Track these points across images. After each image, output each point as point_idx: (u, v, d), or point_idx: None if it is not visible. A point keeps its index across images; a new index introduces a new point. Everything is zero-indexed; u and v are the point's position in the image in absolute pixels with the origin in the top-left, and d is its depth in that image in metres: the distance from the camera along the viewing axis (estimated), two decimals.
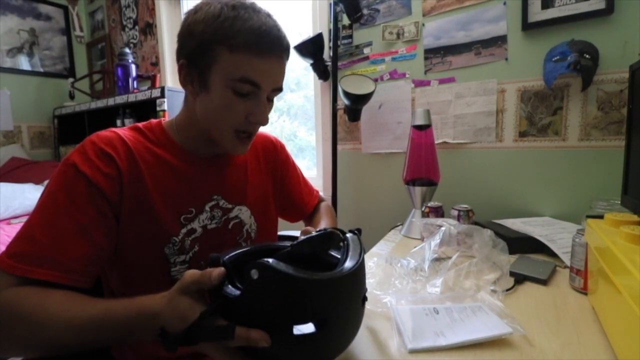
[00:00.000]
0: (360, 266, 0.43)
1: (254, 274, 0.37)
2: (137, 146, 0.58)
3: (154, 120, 0.65)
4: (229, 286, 0.40)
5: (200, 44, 0.53)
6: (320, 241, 0.48)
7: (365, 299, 0.47)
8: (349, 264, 0.42)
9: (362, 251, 0.46)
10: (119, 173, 0.54)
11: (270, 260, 0.37)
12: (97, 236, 0.51)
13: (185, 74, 0.57)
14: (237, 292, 0.39)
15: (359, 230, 0.51)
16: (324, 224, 0.79)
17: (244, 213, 0.68)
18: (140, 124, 0.63)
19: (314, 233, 0.50)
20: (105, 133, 0.56)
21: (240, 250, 0.48)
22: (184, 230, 0.60)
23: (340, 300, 0.41)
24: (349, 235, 0.49)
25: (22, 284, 0.46)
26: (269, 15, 0.56)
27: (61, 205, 0.49)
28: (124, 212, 0.54)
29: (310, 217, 0.88)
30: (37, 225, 0.48)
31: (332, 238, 0.48)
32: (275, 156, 0.79)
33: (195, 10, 0.55)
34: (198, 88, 0.57)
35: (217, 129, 0.58)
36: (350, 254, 0.44)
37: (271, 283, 0.37)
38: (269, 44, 0.54)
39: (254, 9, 0.54)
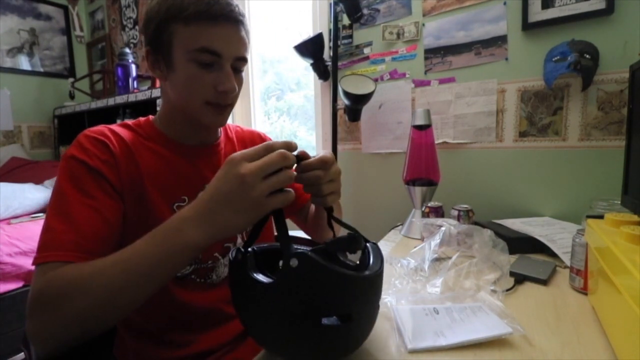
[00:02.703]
0: (382, 270, 0.46)
1: (294, 262, 0.39)
2: (129, 138, 0.61)
3: (142, 118, 0.68)
4: (259, 274, 0.42)
5: (157, 25, 0.57)
6: (348, 243, 0.50)
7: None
8: (375, 266, 0.45)
9: (382, 257, 0.48)
10: (115, 160, 0.56)
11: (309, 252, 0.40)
12: (107, 214, 0.53)
13: (153, 60, 0.61)
14: (269, 280, 0.41)
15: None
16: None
17: None
18: (129, 121, 0.66)
19: (341, 235, 0.51)
20: (96, 127, 0.60)
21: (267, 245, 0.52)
22: None
23: (365, 298, 0.43)
24: (368, 244, 0.51)
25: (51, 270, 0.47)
26: None
27: (69, 195, 0.52)
28: (124, 197, 0.57)
29: (304, 209, 0.85)
30: (52, 218, 0.51)
31: (357, 241, 0.51)
32: None
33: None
34: (165, 70, 0.59)
35: (189, 104, 0.60)
36: (372, 258, 0.47)
37: (309, 272, 0.39)
38: (220, 10, 0.55)
39: None
